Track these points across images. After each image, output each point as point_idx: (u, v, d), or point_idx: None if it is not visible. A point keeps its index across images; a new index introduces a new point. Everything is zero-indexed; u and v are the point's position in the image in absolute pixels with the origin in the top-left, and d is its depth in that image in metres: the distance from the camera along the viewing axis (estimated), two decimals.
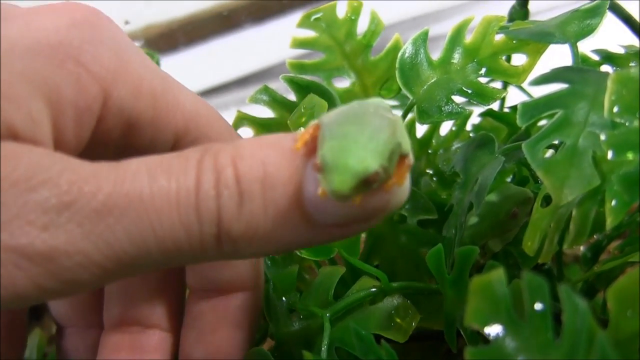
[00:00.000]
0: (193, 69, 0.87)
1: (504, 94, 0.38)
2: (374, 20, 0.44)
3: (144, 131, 0.33)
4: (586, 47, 0.39)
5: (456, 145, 0.49)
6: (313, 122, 0.28)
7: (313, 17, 0.44)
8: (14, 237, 0.25)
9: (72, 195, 0.26)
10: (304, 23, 0.45)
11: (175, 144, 0.34)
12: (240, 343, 0.36)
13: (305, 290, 0.37)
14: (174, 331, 0.38)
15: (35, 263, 0.25)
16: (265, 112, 0.43)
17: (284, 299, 0.37)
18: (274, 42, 0.82)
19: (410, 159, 0.28)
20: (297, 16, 0.45)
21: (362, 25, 0.44)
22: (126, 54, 0.32)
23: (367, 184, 0.25)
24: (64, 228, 0.26)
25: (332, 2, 0.44)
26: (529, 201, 0.39)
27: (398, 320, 0.34)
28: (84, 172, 0.27)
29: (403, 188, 0.28)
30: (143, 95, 0.32)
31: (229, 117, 0.42)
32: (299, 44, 0.45)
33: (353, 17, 0.44)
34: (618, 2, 0.38)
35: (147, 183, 0.27)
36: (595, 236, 0.43)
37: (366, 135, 0.26)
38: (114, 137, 0.32)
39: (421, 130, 0.50)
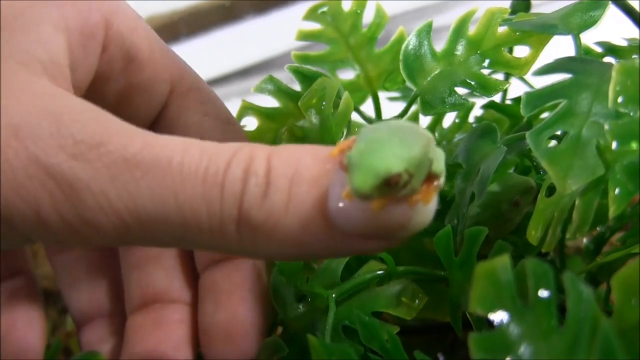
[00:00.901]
0: (195, 59, 0.87)
1: (507, 86, 0.38)
2: (379, 13, 0.44)
3: (143, 69, 0.35)
4: (590, 39, 0.39)
5: (458, 137, 0.49)
6: (353, 136, 0.28)
7: (320, 10, 0.45)
8: (46, 154, 0.26)
9: (104, 138, 0.27)
10: (310, 16, 0.45)
11: (173, 90, 0.37)
12: (256, 306, 0.37)
13: (312, 275, 0.37)
14: (194, 305, 0.39)
15: (60, 188, 0.26)
16: (269, 103, 0.43)
17: (290, 284, 0.37)
18: (276, 33, 0.82)
19: (441, 181, 0.27)
20: (299, 7, 0.45)
21: (366, 17, 0.45)
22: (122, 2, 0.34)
23: (389, 186, 0.25)
24: (92, 164, 0.26)
25: None
26: (531, 190, 0.39)
27: (404, 300, 0.34)
28: (118, 125, 0.28)
29: (428, 209, 0.27)
30: (140, 34, 0.35)
31: (231, 107, 0.42)
32: (304, 36, 0.45)
33: (359, 11, 0.44)
34: None
35: (179, 152, 0.27)
36: (598, 228, 0.43)
37: (396, 141, 0.26)
38: (116, 69, 0.34)
39: (424, 123, 0.50)
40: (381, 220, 0.27)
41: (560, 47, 0.37)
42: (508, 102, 0.48)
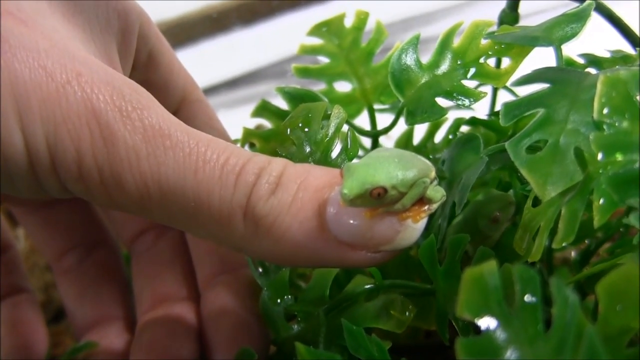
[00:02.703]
0: None
1: (484, 95, 0.38)
2: (379, 29, 0.45)
3: (161, 70, 0.39)
4: (578, 50, 0.39)
5: (446, 151, 0.49)
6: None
7: (324, 29, 0.46)
8: (98, 100, 0.29)
9: (146, 105, 0.29)
10: (314, 32, 0.46)
11: (184, 98, 0.41)
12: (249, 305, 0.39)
13: (300, 294, 0.37)
14: (197, 302, 0.42)
15: (102, 132, 0.28)
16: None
17: (279, 300, 0.37)
18: (263, 44, 0.83)
19: (434, 207, 0.30)
20: (286, 18, 0.46)
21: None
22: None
23: (374, 198, 0.28)
24: (132, 121, 0.29)
25: (341, 13, 0.46)
26: (511, 205, 0.39)
27: (394, 313, 0.34)
28: (158, 103, 0.31)
29: (415, 227, 0.29)
30: (162, 42, 0.39)
31: (219, 118, 0.44)
32: (306, 50, 0.47)
33: (359, 27, 0.46)
34: (609, 6, 0.39)
35: (206, 142, 0.30)
36: (586, 241, 0.43)
37: (394, 162, 0.29)
38: (140, 61, 0.38)
39: (418, 136, 0.50)
40: (369, 231, 0.29)
41: (546, 59, 0.37)
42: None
